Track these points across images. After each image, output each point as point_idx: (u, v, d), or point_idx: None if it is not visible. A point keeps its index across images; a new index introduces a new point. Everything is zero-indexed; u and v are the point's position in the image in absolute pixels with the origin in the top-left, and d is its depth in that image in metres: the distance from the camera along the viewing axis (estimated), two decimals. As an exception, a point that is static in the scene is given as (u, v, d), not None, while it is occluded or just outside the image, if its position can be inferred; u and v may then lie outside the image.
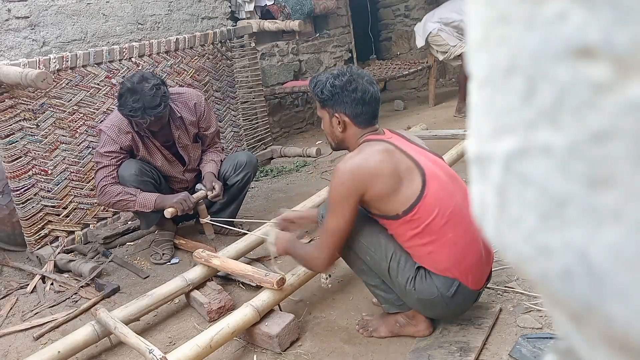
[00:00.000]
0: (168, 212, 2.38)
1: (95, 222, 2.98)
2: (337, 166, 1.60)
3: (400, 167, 1.55)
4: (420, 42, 4.81)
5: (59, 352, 1.75)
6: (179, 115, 2.59)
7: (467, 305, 1.66)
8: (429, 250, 1.57)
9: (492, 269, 1.92)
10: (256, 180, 3.70)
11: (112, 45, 3.40)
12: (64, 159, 2.85)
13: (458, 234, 1.56)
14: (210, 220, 2.56)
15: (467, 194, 1.65)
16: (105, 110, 2.98)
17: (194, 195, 2.50)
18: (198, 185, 2.63)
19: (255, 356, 1.80)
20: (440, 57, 4.81)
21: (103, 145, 2.48)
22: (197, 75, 3.57)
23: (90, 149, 2.93)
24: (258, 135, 4.15)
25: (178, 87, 3.09)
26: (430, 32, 4.63)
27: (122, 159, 2.50)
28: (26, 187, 2.68)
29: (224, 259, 2.14)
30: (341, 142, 1.74)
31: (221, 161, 2.77)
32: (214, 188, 2.54)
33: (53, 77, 2.61)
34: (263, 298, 1.85)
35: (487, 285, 1.94)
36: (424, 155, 1.65)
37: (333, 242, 1.61)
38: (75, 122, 2.90)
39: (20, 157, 2.67)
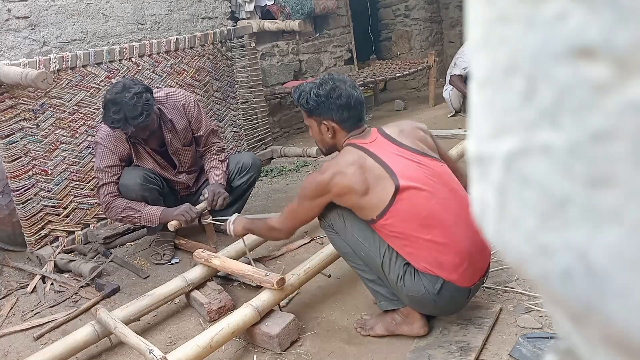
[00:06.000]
0: (172, 226, 2.35)
1: (95, 222, 2.98)
2: (312, 173, 1.76)
3: (368, 178, 1.61)
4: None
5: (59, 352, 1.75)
6: (169, 117, 2.55)
7: (458, 301, 1.67)
8: (408, 251, 1.61)
9: (491, 270, 1.92)
10: (256, 180, 3.70)
11: (112, 45, 3.40)
12: (64, 159, 2.85)
13: (435, 235, 1.58)
14: (213, 220, 2.55)
15: (455, 193, 1.66)
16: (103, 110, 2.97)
17: (197, 207, 2.48)
18: (202, 195, 2.57)
19: (255, 356, 1.80)
20: None
21: (102, 159, 2.45)
22: (197, 75, 3.57)
23: (91, 149, 2.92)
24: (258, 135, 4.16)
25: (167, 88, 2.97)
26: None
27: (122, 174, 2.48)
28: (26, 187, 2.68)
29: (224, 259, 2.14)
30: (332, 147, 1.82)
31: (227, 166, 2.70)
32: (215, 201, 2.51)
33: (53, 77, 2.61)
34: (263, 298, 1.85)
35: (488, 286, 1.95)
36: (405, 157, 1.66)
37: (294, 222, 1.80)
38: (76, 122, 2.90)
39: (20, 157, 2.67)
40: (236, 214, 2.11)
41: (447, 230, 1.59)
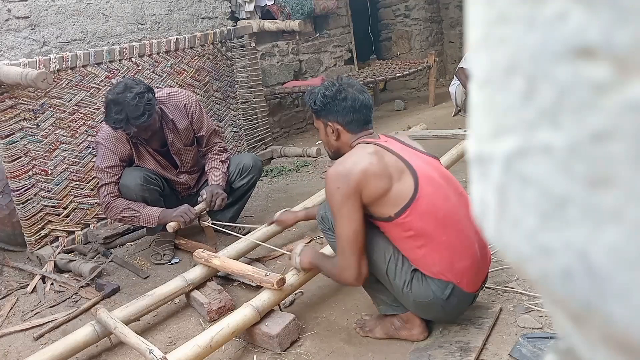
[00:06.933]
0: (170, 227, 2.36)
1: (95, 222, 2.98)
2: (328, 172, 1.61)
3: (390, 169, 1.58)
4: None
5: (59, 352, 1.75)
6: (171, 117, 2.55)
7: (463, 307, 1.67)
8: (422, 252, 1.58)
9: (491, 270, 1.92)
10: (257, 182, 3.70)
11: (112, 45, 3.40)
12: (64, 159, 2.85)
13: (451, 237, 1.57)
14: (212, 224, 2.55)
15: (462, 196, 1.67)
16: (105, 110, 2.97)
17: (196, 208, 2.48)
18: (201, 195, 2.58)
19: (255, 356, 1.80)
20: None
21: (102, 159, 2.45)
22: (197, 75, 3.57)
23: (91, 149, 2.92)
24: (258, 135, 4.15)
25: (168, 88, 2.95)
26: None
27: (122, 174, 2.48)
28: (26, 187, 2.68)
29: (224, 259, 2.14)
30: (337, 150, 1.79)
31: (228, 167, 2.70)
32: (214, 202, 2.51)
33: (53, 77, 2.60)
34: (263, 298, 1.85)
35: (487, 286, 1.95)
36: (418, 157, 1.67)
37: (353, 248, 1.58)
38: (76, 122, 2.90)
39: (21, 157, 2.67)
40: (303, 243, 1.97)
41: (461, 233, 1.59)
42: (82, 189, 2.93)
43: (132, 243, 2.92)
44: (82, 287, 2.43)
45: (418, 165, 1.61)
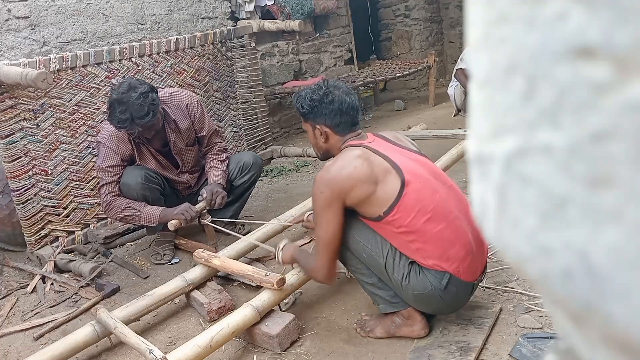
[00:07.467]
0: (172, 225, 2.37)
1: (95, 222, 2.98)
2: (316, 176, 1.68)
3: (376, 170, 1.62)
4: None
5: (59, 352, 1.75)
6: (173, 117, 2.55)
7: (463, 297, 1.68)
8: (415, 247, 1.62)
9: (491, 270, 1.92)
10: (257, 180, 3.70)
11: (112, 45, 3.40)
12: (64, 159, 2.85)
13: (442, 228, 1.61)
14: (212, 222, 2.55)
15: (452, 189, 1.72)
16: (105, 110, 2.97)
17: (197, 206, 2.49)
18: (201, 194, 2.58)
19: (255, 356, 1.80)
20: None
21: (104, 159, 2.45)
22: (197, 75, 3.57)
23: (91, 149, 2.92)
24: (258, 135, 4.15)
25: (169, 88, 2.94)
26: None
27: (123, 173, 2.48)
28: (26, 187, 2.68)
29: (224, 259, 2.14)
30: (326, 151, 1.84)
31: (227, 166, 2.71)
32: (214, 200, 2.52)
33: (53, 77, 2.60)
34: (263, 298, 1.85)
35: (488, 286, 1.95)
36: (405, 155, 1.71)
37: (327, 251, 1.69)
38: (76, 122, 2.90)
39: (21, 157, 2.67)
40: (286, 240, 2.03)
41: (452, 224, 1.62)
42: (82, 189, 2.93)
43: (132, 243, 2.92)
44: (82, 287, 2.43)
45: (403, 162, 1.66)
